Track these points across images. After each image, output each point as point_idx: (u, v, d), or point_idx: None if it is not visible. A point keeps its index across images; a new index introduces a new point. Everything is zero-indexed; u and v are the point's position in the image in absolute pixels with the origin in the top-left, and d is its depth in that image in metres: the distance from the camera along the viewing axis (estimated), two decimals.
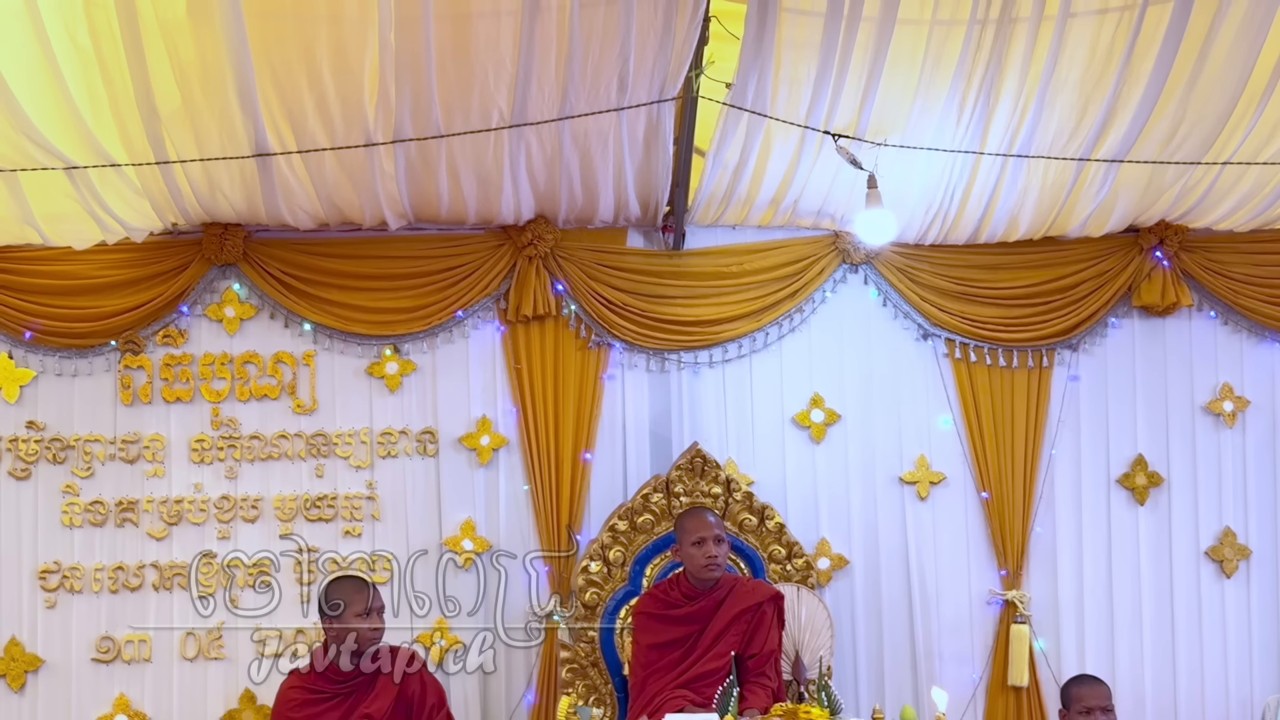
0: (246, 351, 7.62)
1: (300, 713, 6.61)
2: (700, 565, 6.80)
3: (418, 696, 6.71)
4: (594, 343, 7.73)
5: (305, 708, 6.62)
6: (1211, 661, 7.94)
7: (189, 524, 7.53)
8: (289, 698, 6.64)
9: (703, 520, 6.86)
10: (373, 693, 6.65)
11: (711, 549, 6.79)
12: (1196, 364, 8.05)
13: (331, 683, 6.65)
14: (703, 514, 6.92)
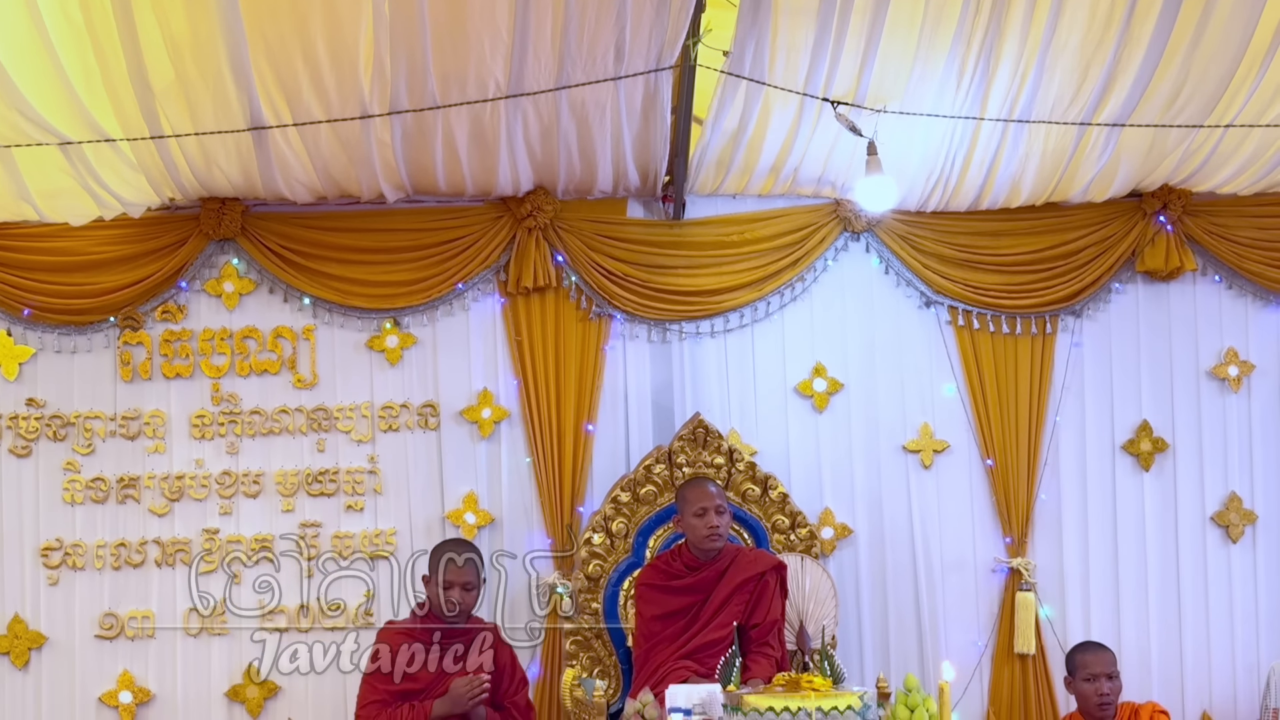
0: (246, 326, 7.62)
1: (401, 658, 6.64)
2: (702, 536, 6.80)
3: (508, 668, 6.85)
4: (595, 314, 7.72)
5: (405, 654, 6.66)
6: (1218, 627, 7.94)
7: (190, 500, 7.54)
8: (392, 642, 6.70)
9: (704, 491, 6.86)
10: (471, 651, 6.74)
11: (713, 519, 6.79)
12: (1201, 329, 8.04)
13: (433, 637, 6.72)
14: (704, 484, 6.93)
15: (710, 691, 5.94)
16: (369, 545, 7.55)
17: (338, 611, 7.50)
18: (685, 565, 6.90)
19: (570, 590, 7.39)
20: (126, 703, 7.40)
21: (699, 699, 5.93)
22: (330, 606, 7.51)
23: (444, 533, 7.59)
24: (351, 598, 7.49)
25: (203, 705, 7.45)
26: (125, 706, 7.40)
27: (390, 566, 7.54)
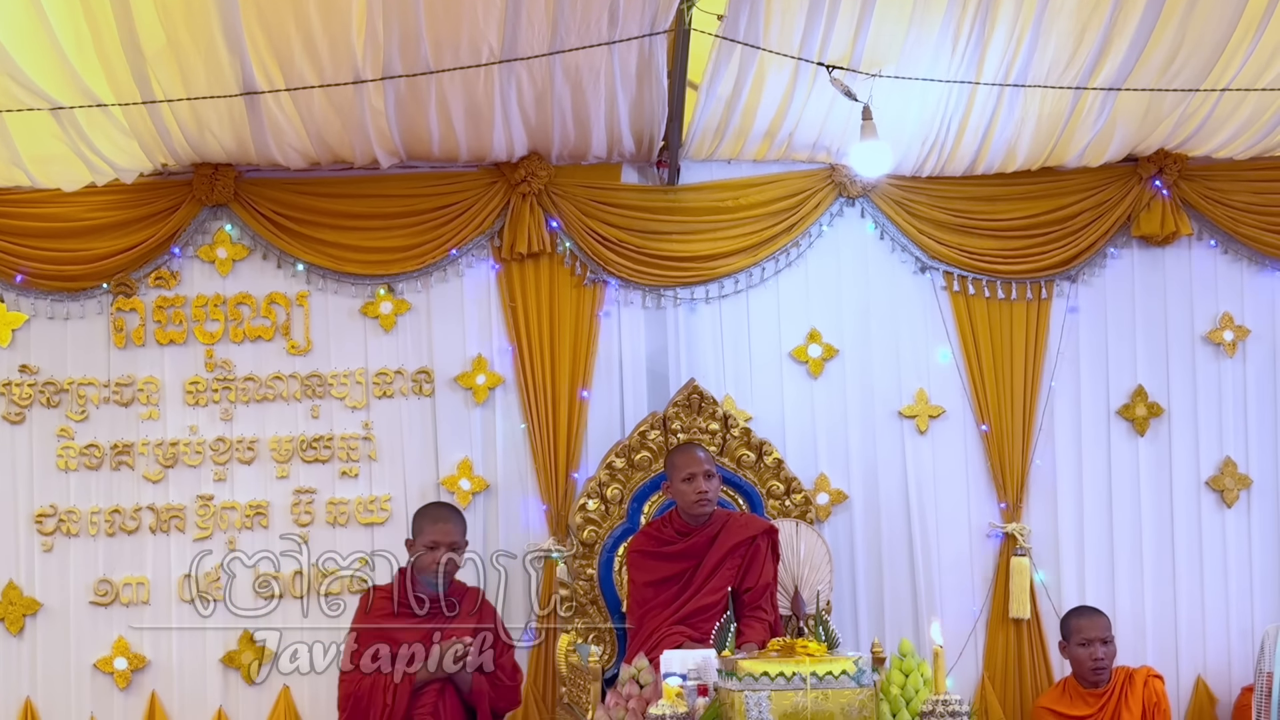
0: (239, 293, 7.60)
1: (389, 622, 6.63)
2: (691, 501, 6.80)
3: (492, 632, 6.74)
4: (589, 280, 7.70)
5: (393, 619, 6.64)
6: (1212, 591, 7.95)
7: (185, 466, 7.53)
8: (376, 607, 6.69)
9: (692, 456, 6.86)
10: (457, 618, 6.69)
11: (701, 484, 6.79)
12: (1196, 294, 8.03)
13: (417, 601, 6.69)
14: (692, 449, 6.92)
15: (705, 657, 5.94)
16: (364, 511, 7.54)
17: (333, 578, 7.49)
18: (676, 531, 6.90)
19: (565, 556, 7.38)
20: (122, 669, 7.40)
21: (694, 664, 5.93)
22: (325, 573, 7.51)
23: (438, 499, 7.55)
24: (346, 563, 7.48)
25: (198, 671, 7.45)
26: (120, 673, 7.40)
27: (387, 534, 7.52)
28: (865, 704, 5.45)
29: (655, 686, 5.70)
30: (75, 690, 7.42)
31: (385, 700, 6.46)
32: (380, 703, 6.47)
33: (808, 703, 5.40)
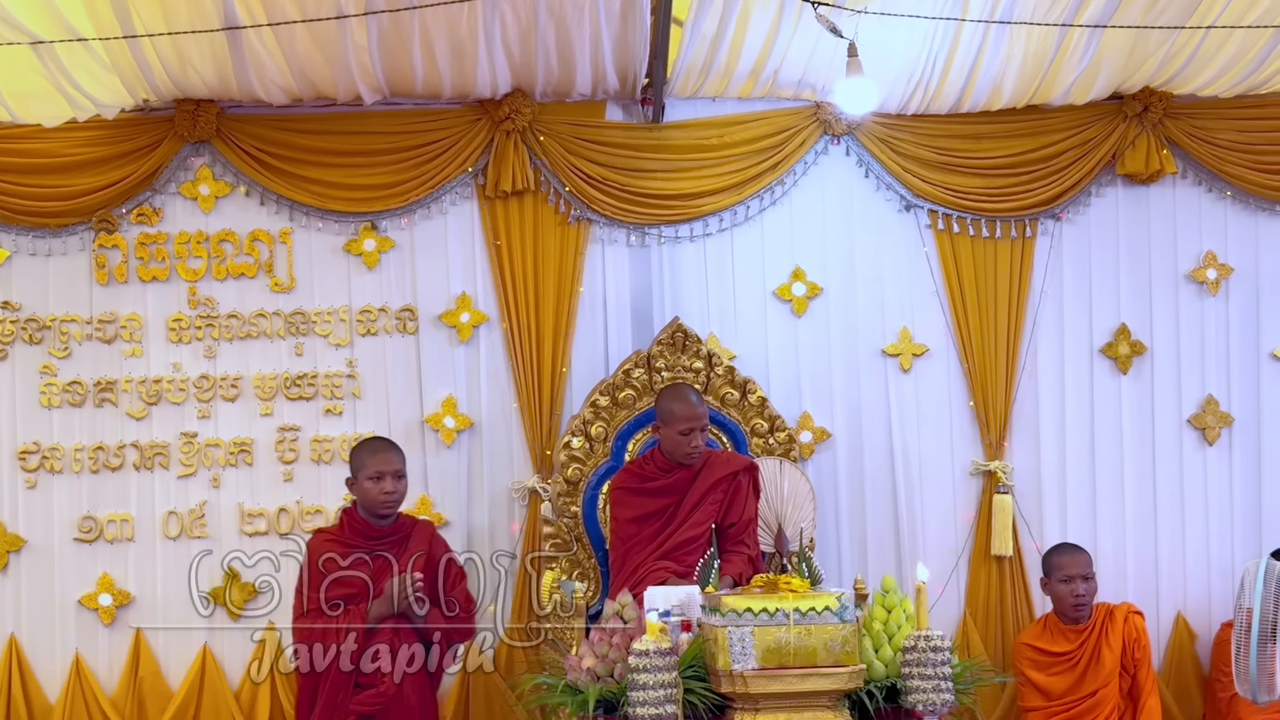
0: (222, 230, 7.55)
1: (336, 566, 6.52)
2: (684, 454, 6.80)
3: (444, 564, 6.70)
4: (573, 218, 7.66)
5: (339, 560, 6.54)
6: (1193, 529, 7.97)
7: (168, 404, 7.50)
8: (320, 550, 6.57)
9: (689, 409, 6.82)
10: (405, 552, 6.61)
11: (697, 440, 6.80)
12: (1180, 232, 8.01)
13: (364, 539, 6.61)
14: (687, 399, 6.87)
15: (689, 593, 5.95)
16: (348, 449, 7.49)
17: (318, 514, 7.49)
18: (659, 468, 6.89)
19: (550, 494, 7.38)
20: (106, 605, 7.40)
21: (677, 600, 5.93)
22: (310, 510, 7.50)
23: (423, 437, 7.58)
24: (331, 501, 7.46)
25: (183, 608, 7.43)
26: (105, 609, 7.40)
27: None
28: (848, 640, 5.46)
29: (639, 623, 5.71)
30: (60, 626, 7.42)
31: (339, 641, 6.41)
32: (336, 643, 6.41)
33: (791, 638, 5.41)
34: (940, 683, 5.49)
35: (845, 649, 5.45)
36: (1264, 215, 8.03)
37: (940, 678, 5.50)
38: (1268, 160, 7.95)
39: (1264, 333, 8.04)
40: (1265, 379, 8.04)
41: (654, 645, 5.40)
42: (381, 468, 6.59)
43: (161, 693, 7.41)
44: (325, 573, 6.51)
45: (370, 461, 6.62)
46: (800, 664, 5.42)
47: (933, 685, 5.49)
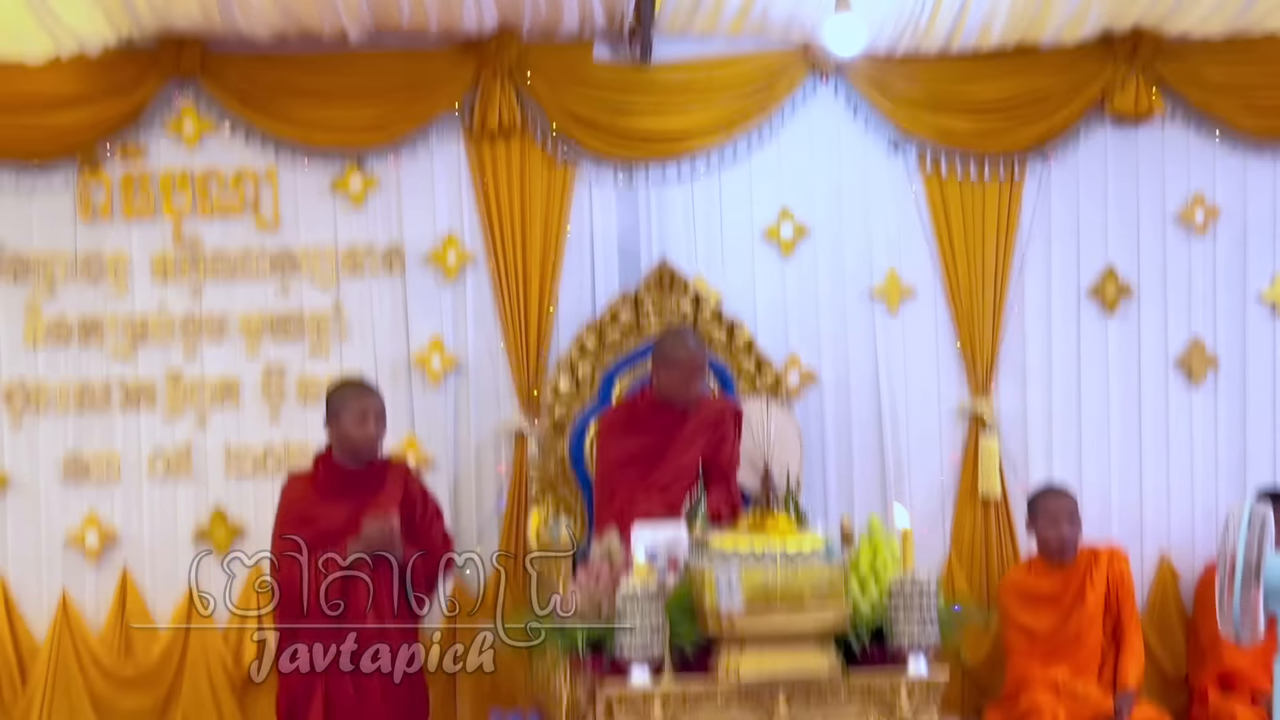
0: (207, 167, 7.49)
1: (310, 508, 6.50)
2: (681, 398, 6.79)
3: (420, 502, 6.66)
4: (561, 157, 7.61)
5: (315, 504, 6.52)
6: (1178, 470, 7.99)
7: (154, 342, 7.47)
8: (295, 495, 6.56)
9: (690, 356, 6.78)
10: (381, 492, 6.57)
11: (696, 385, 6.79)
12: (1168, 173, 7.97)
13: (339, 481, 6.56)
14: (685, 345, 6.82)
15: (676, 533, 5.94)
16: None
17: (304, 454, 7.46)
18: (649, 408, 6.87)
19: (537, 434, 7.37)
20: (92, 543, 7.39)
21: (665, 540, 5.92)
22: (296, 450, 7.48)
23: (409, 377, 7.56)
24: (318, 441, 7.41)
25: (169, 546, 7.44)
26: (91, 547, 7.39)
27: None
28: (834, 580, 5.46)
29: (626, 562, 5.70)
30: (46, 564, 7.41)
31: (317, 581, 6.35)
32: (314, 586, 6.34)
33: (778, 579, 5.41)
34: (925, 622, 5.51)
35: (832, 589, 5.45)
36: (1252, 156, 8.00)
37: (925, 617, 5.51)
38: (1257, 101, 7.91)
39: (1251, 274, 8.03)
40: (1251, 321, 8.04)
41: (641, 584, 5.40)
42: (365, 408, 6.52)
43: (149, 631, 7.41)
44: (301, 516, 6.48)
45: (353, 403, 6.53)
46: (787, 604, 5.41)
47: (918, 625, 5.51)
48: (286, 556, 6.32)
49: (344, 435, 6.52)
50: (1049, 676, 7.24)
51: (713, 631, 5.46)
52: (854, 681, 5.55)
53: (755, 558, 5.42)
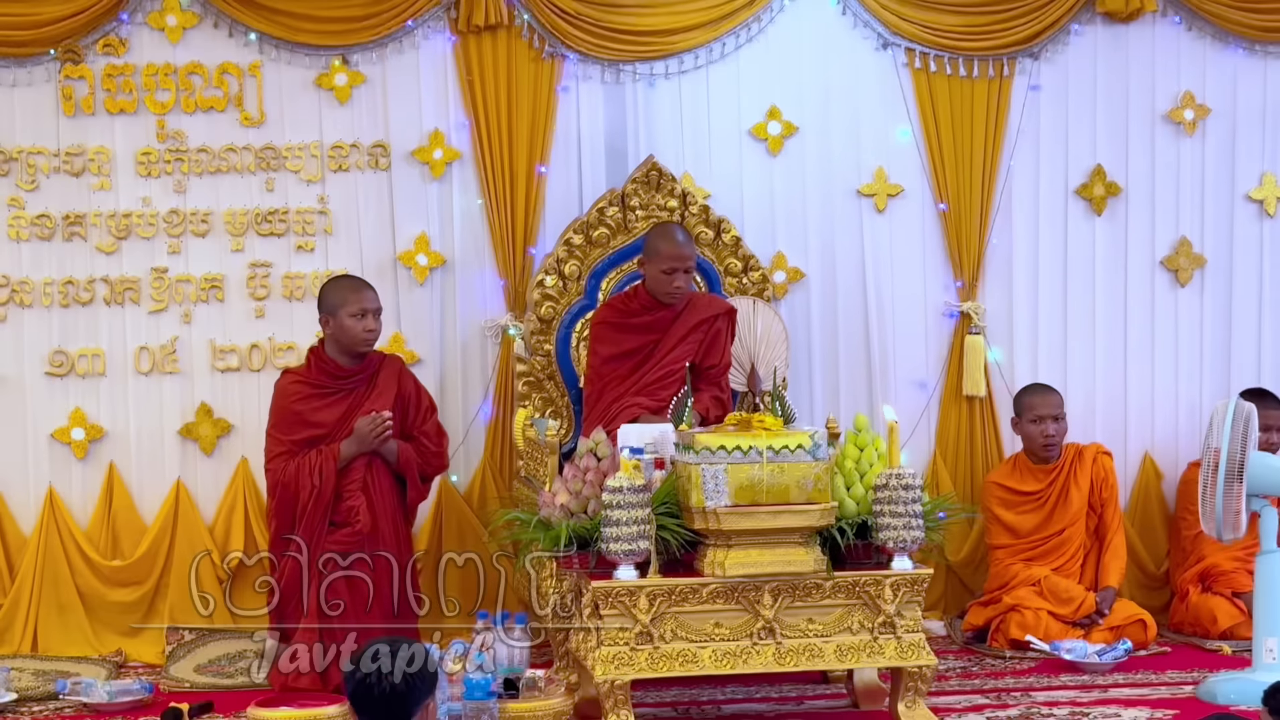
0: (190, 62, 7.39)
1: (306, 404, 6.63)
2: (664, 293, 6.76)
3: (413, 399, 6.81)
4: (547, 54, 7.53)
5: (310, 400, 6.64)
6: (1162, 369, 7.99)
7: (138, 238, 7.39)
8: (290, 391, 6.66)
9: (674, 249, 6.76)
10: (375, 389, 6.69)
11: (679, 280, 6.75)
12: (1159, 71, 7.92)
13: (333, 378, 6.67)
14: (673, 238, 6.80)
15: (662, 430, 5.95)
16: (319, 285, 7.44)
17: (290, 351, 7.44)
18: (642, 305, 6.85)
19: (523, 332, 7.34)
20: (79, 439, 7.37)
21: (651, 438, 5.93)
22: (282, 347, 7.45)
23: (395, 274, 7.52)
24: (303, 338, 7.40)
25: (155, 442, 7.42)
26: (77, 443, 7.37)
27: None
28: (820, 477, 5.49)
29: (612, 460, 5.71)
30: (33, 460, 7.39)
31: (313, 482, 6.47)
32: (309, 485, 6.48)
33: (764, 476, 5.43)
34: (910, 520, 5.55)
35: (817, 486, 5.48)
36: (1243, 54, 7.95)
37: (910, 515, 5.55)
38: None
39: (1239, 174, 8.01)
40: (1239, 221, 8.02)
41: (628, 482, 5.42)
42: (365, 305, 6.62)
43: (135, 526, 7.41)
44: (296, 413, 6.58)
45: (353, 298, 6.62)
46: (773, 501, 5.44)
47: (903, 522, 5.54)
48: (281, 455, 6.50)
49: (342, 329, 6.60)
50: (1032, 575, 7.29)
51: (699, 528, 5.48)
52: (839, 579, 5.58)
53: (741, 455, 5.43)
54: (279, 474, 6.56)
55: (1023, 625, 7.11)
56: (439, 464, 6.92)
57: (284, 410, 6.64)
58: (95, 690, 6.48)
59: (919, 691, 5.72)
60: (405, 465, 6.67)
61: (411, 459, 6.70)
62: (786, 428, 5.64)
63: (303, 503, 6.48)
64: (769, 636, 5.57)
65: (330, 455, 6.50)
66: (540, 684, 5.58)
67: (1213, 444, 6.33)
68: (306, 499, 6.47)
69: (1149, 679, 6.76)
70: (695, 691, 6.52)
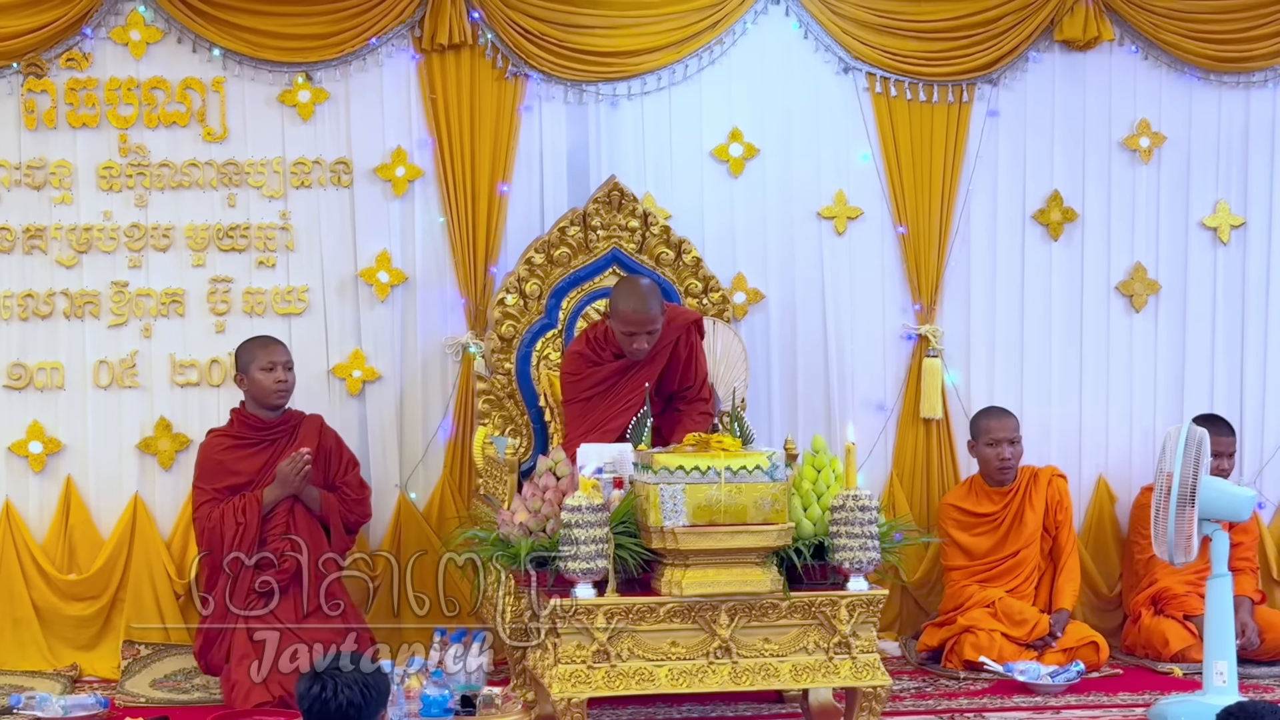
0: (153, 77, 7.37)
1: (228, 454, 6.89)
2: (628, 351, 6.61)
3: (334, 453, 7.07)
4: (511, 73, 7.54)
5: (232, 451, 6.90)
6: (1117, 394, 8.05)
7: (99, 252, 7.37)
8: (214, 445, 6.95)
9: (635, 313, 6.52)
10: (296, 441, 6.94)
11: (641, 343, 6.58)
12: (1115, 99, 7.98)
13: (255, 430, 6.92)
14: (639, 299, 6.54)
15: (621, 450, 5.95)
16: (281, 302, 7.46)
17: None
18: (613, 354, 6.70)
19: (483, 350, 7.35)
20: (36, 452, 7.33)
21: (610, 458, 5.94)
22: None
23: (357, 291, 7.53)
24: None
25: (113, 456, 7.40)
26: (35, 456, 7.34)
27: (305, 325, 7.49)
28: (778, 498, 5.50)
29: (571, 479, 5.71)
30: None
31: (238, 521, 6.71)
32: (233, 525, 6.71)
33: (722, 496, 5.44)
34: (867, 541, 5.55)
35: (775, 507, 5.48)
36: (1198, 84, 8.02)
37: (867, 536, 5.55)
38: (1204, 29, 7.92)
39: (1194, 201, 8.07)
40: (1193, 247, 8.08)
41: (586, 501, 5.41)
42: (273, 358, 6.89)
43: (92, 540, 7.38)
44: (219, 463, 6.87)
45: (261, 354, 6.90)
46: (730, 521, 5.45)
47: (859, 544, 5.55)
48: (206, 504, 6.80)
49: (255, 383, 6.89)
50: (986, 596, 7.32)
51: (657, 547, 5.48)
52: (795, 599, 5.59)
53: (700, 475, 5.44)
54: (205, 520, 6.79)
55: (977, 646, 7.14)
56: (361, 511, 7.10)
57: (208, 462, 6.91)
58: (50, 705, 6.45)
59: (874, 712, 5.73)
60: (328, 512, 6.90)
61: (334, 506, 6.93)
62: (745, 448, 5.65)
63: (228, 543, 6.69)
64: (725, 656, 5.57)
65: (255, 500, 6.74)
66: (497, 701, 5.60)
67: (1165, 468, 6.38)
68: (232, 538, 6.69)
69: (1101, 700, 6.81)
70: (651, 710, 6.54)
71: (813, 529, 5.68)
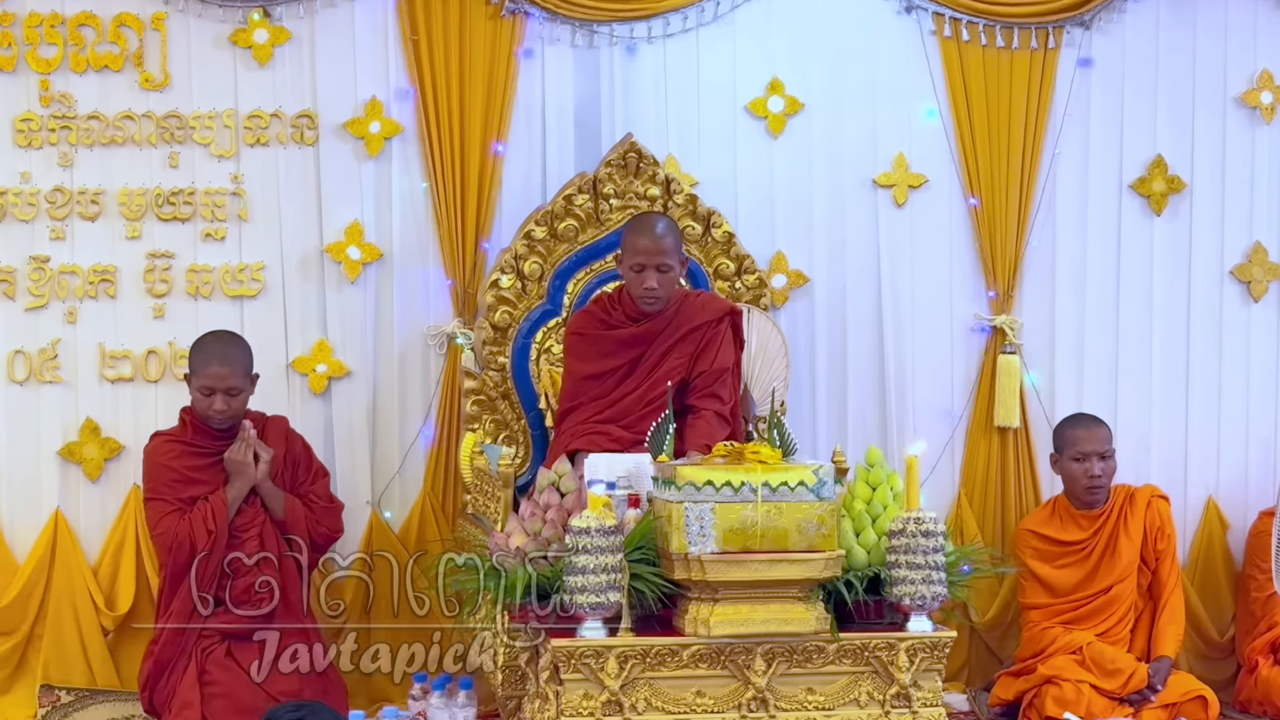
0: (81, 12, 7.40)
1: (182, 461, 6.85)
2: (638, 295, 6.71)
3: (303, 459, 7.10)
4: (508, 10, 7.57)
5: (187, 459, 6.87)
6: (1231, 400, 8.06)
7: (14, 220, 7.39)
8: (164, 450, 6.90)
9: (646, 241, 6.68)
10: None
11: (652, 280, 6.67)
12: (1231, 47, 8.00)
13: (211, 439, 6.90)
14: (649, 230, 6.74)
15: (637, 462, 5.95)
16: (232, 282, 7.47)
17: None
18: (627, 315, 6.78)
19: (473, 341, 7.35)
20: None
21: (624, 470, 5.94)
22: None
23: (322, 268, 7.57)
24: None
25: (30, 464, 7.42)
26: None
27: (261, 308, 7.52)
28: (825, 520, 5.47)
29: (578, 496, 5.70)
30: None
31: (209, 528, 6.70)
32: (204, 533, 6.70)
33: (758, 517, 5.42)
34: (931, 573, 5.53)
35: (821, 531, 5.47)
36: None
37: (931, 567, 5.53)
38: None
39: None
40: None
41: (596, 522, 5.40)
42: (213, 384, 6.80)
43: (5, 565, 7.41)
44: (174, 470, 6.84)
45: (201, 373, 6.83)
46: (768, 548, 5.43)
47: (922, 576, 5.53)
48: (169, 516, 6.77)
49: (194, 401, 6.88)
50: (1072, 640, 7.31)
51: (680, 578, 5.47)
52: (845, 641, 5.58)
53: (732, 492, 5.42)
54: (172, 534, 6.73)
55: (1061, 701, 7.13)
56: (331, 524, 7.08)
57: (163, 470, 6.85)
58: None
59: None
60: (292, 518, 6.89)
61: (299, 512, 6.93)
62: (785, 460, 5.64)
63: (199, 551, 6.67)
64: (761, 708, 5.56)
65: (219, 500, 6.75)
66: None
67: None
68: (204, 546, 6.67)
69: None
70: None
71: (866, 558, 5.68)
